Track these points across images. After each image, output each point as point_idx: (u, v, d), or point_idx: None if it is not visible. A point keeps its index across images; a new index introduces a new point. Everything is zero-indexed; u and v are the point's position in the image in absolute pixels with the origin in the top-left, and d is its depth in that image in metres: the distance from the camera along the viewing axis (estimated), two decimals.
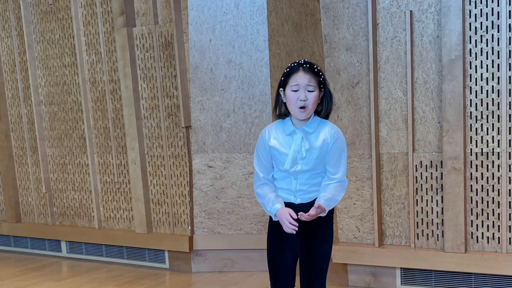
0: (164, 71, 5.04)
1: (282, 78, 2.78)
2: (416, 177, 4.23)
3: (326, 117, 2.83)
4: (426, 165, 4.19)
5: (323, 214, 2.77)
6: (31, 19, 5.73)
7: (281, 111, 2.83)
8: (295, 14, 4.63)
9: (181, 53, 4.93)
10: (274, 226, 2.89)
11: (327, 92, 2.80)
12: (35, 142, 5.90)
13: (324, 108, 2.80)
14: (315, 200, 2.80)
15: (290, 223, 2.71)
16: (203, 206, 5.03)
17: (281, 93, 2.79)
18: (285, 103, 2.79)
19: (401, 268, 4.34)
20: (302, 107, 2.72)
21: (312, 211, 2.69)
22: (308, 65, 2.74)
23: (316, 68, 2.76)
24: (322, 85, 2.77)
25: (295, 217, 2.72)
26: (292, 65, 2.77)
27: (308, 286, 2.86)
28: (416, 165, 4.22)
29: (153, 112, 5.15)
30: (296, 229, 2.73)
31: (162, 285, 4.84)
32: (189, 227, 5.09)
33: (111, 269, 5.35)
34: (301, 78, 2.71)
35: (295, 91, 2.72)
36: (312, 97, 2.72)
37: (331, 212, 2.89)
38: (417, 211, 4.26)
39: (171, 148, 5.11)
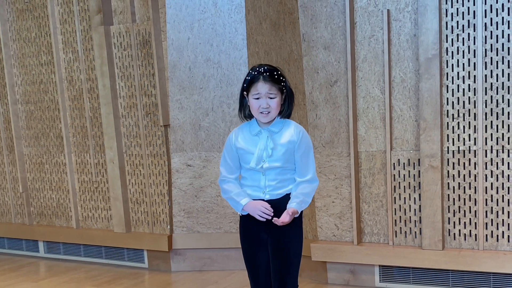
0: (142, 70, 5.01)
1: (245, 85, 2.81)
2: (394, 175, 4.26)
3: (288, 116, 2.88)
4: (404, 163, 4.22)
5: (296, 215, 2.81)
6: (6, 17, 5.66)
7: (245, 113, 2.89)
8: (273, 12, 4.63)
9: (159, 52, 4.91)
10: (245, 228, 2.94)
11: (288, 94, 2.84)
12: (11, 141, 5.83)
13: (285, 109, 2.84)
14: (284, 196, 2.84)
15: (264, 211, 2.77)
16: (182, 205, 5.01)
17: (245, 96, 2.84)
18: (249, 106, 2.84)
19: (379, 266, 4.37)
20: (263, 113, 2.77)
21: (286, 218, 2.74)
22: (268, 73, 2.75)
23: (277, 74, 2.78)
24: (284, 88, 2.81)
25: (268, 206, 2.78)
26: (253, 73, 2.78)
27: (279, 283, 2.87)
28: (394, 163, 4.25)
29: (131, 110, 5.12)
30: (271, 214, 2.77)
31: (141, 284, 4.81)
32: (168, 226, 5.07)
33: (89, 269, 5.32)
34: (261, 88, 2.74)
35: (257, 98, 2.76)
36: (274, 103, 2.77)
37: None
38: (395, 209, 4.28)
39: (150, 147, 5.09)
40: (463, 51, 3.97)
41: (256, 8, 4.73)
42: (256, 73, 2.77)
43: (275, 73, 2.77)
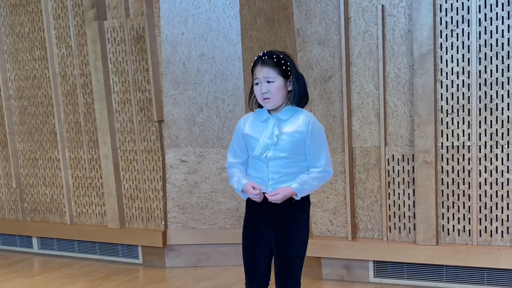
0: (136, 65, 4.99)
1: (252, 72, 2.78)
2: (388, 170, 4.26)
3: (300, 103, 2.78)
4: (398, 158, 4.22)
5: (296, 198, 2.72)
6: (0, 12, 5.64)
7: (253, 102, 2.82)
8: (267, 7, 4.62)
9: (153, 47, 4.89)
10: (249, 222, 2.88)
11: (295, 78, 2.74)
12: (5, 136, 5.81)
13: (293, 95, 2.74)
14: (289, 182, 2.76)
15: (253, 192, 2.71)
16: (177, 200, 5.00)
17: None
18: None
19: (373, 261, 4.37)
20: (265, 99, 2.70)
21: (278, 197, 2.67)
22: (266, 57, 2.70)
23: (277, 57, 2.69)
24: (289, 72, 2.71)
25: (258, 187, 2.71)
26: (255, 58, 2.74)
27: (282, 284, 2.85)
28: (388, 159, 4.25)
29: (125, 106, 5.10)
30: (261, 196, 2.71)
31: (135, 280, 4.81)
32: (163, 222, 5.07)
33: (83, 265, 5.30)
34: (259, 72, 2.69)
35: (257, 84, 2.72)
36: (273, 88, 2.68)
37: (307, 208, 2.86)
38: (389, 204, 4.29)
39: (144, 142, 5.07)
40: (457, 46, 3.98)
41: (250, 3, 4.72)
42: (256, 58, 2.73)
43: (274, 56, 2.69)
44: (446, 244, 4.16)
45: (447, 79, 4.03)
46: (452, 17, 3.97)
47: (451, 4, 3.96)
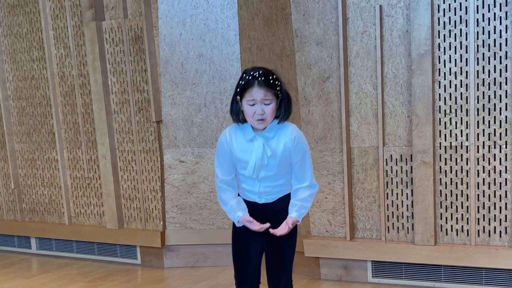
0: (134, 65, 4.99)
1: (238, 89, 2.65)
2: (386, 171, 4.26)
3: (285, 119, 2.74)
4: (396, 159, 4.23)
5: (298, 223, 2.78)
6: None
7: (239, 119, 2.71)
8: (265, 8, 4.62)
9: (151, 47, 4.89)
10: (240, 227, 2.88)
11: (284, 98, 2.69)
12: (3, 137, 5.80)
13: (282, 114, 2.70)
14: (279, 199, 2.80)
15: (257, 228, 2.72)
16: (175, 201, 5.00)
17: (239, 101, 2.68)
18: (243, 111, 2.68)
19: (372, 261, 4.38)
20: (260, 120, 2.64)
21: (284, 229, 2.69)
22: (263, 78, 2.59)
23: (272, 78, 2.62)
24: (280, 92, 2.66)
25: (257, 223, 2.73)
26: (247, 77, 2.62)
27: (274, 281, 2.86)
28: (386, 159, 4.25)
29: (123, 106, 5.10)
30: (266, 227, 2.73)
31: (134, 281, 4.81)
32: (161, 222, 5.07)
33: (82, 266, 5.30)
34: (256, 93, 2.59)
35: (252, 105, 2.61)
36: (270, 110, 2.62)
37: None
38: (387, 204, 4.29)
39: (142, 143, 5.07)
40: (455, 47, 3.98)
41: (248, 4, 4.72)
42: (250, 77, 2.60)
43: (270, 77, 2.61)
44: (444, 244, 4.16)
45: (445, 79, 4.03)
46: (450, 17, 3.97)
47: (449, 4, 3.96)
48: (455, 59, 3.99)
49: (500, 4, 3.83)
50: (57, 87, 5.42)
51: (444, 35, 4.00)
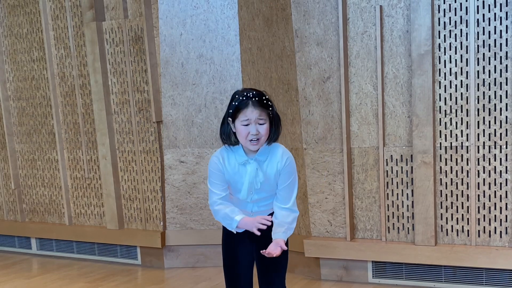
0: (135, 66, 4.99)
1: (230, 111, 2.63)
2: (387, 171, 4.26)
3: (275, 141, 2.74)
4: (397, 159, 4.23)
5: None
6: None
7: (231, 141, 2.69)
8: (266, 8, 4.62)
9: (152, 48, 4.89)
10: (228, 236, 2.86)
11: (276, 118, 2.68)
12: (3, 137, 5.81)
13: (272, 135, 2.69)
14: (271, 213, 2.79)
15: (262, 221, 2.67)
16: (175, 201, 5.00)
17: (230, 123, 2.66)
18: (234, 133, 2.67)
19: (372, 262, 4.37)
20: (254, 140, 2.63)
21: (277, 250, 2.64)
22: (257, 98, 2.59)
23: (265, 99, 2.62)
24: (271, 113, 2.66)
25: (269, 221, 2.69)
26: (240, 98, 2.61)
27: (267, 284, 2.85)
28: (386, 159, 4.25)
29: (123, 107, 5.10)
30: (270, 221, 2.69)
31: (134, 281, 4.81)
32: (161, 222, 5.06)
33: (82, 266, 5.30)
34: (251, 113, 2.59)
35: (246, 125, 2.60)
36: (264, 130, 2.62)
37: None
38: (387, 204, 4.29)
39: (142, 143, 5.07)
40: (456, 47, 3.98)
41: (248, 4, 4.72)
42: (244, 98, 2.60)
43: (263, 98, 2.61)
44: (444, 244, 4.16)
45: (445, 79, 4.03)
46: (450, 17, 3.97)
47: (449, 4, 3.96)
48: (456, 60, 3.98)
49: (501, 4, 3.83)
50: (57, 87, 5.42)
51: (445, 35, 3.99)
